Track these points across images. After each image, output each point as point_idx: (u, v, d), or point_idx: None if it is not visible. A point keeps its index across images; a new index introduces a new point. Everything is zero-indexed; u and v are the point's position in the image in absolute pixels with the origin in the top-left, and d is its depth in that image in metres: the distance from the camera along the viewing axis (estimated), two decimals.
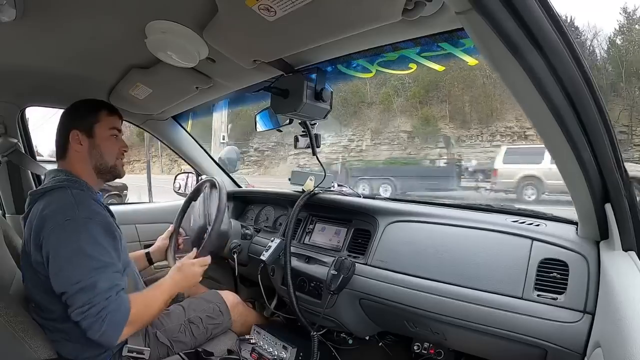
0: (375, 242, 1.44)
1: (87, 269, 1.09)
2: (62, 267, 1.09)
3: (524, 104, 0.78)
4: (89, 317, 1.07)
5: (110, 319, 1.08)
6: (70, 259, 1.09)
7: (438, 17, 0.82)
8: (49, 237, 1.11)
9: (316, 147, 1.56)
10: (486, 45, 0.68)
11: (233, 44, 1.10)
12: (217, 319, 1.55)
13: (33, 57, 1.33)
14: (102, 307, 1.07)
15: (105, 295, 1.09)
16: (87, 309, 1.07)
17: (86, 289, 1.07)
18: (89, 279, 1.08)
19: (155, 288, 1.33)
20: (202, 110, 2.02)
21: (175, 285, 1.39)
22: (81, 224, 1.13)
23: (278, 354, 1.57)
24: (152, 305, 1.26)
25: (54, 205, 1.15)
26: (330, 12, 0.85)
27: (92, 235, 1.14)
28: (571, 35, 0.67)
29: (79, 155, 1.30)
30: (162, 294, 1.32)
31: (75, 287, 1.07)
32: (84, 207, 1.17)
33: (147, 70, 1.43)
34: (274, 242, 1.68)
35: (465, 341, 1.28)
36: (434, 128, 26.75)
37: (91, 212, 1.18)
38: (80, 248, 1.10)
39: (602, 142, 0.80)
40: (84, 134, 1.30)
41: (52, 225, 1.11)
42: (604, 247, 1.01)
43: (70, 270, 1.08)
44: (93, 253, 1.12)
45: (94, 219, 1.17)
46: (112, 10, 1.02)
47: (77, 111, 1.33)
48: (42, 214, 1.14)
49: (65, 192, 1.19)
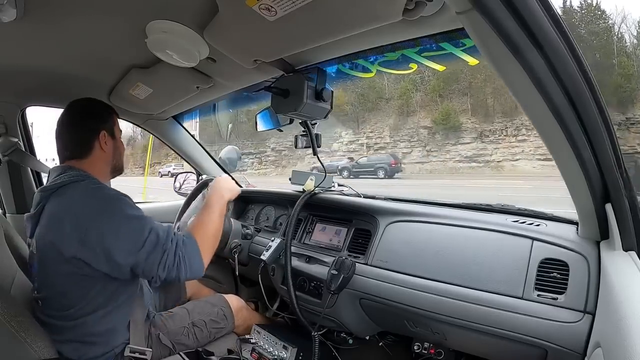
0: (376, 242, 1.44)
1: (142, 231, 1.14)
2: (123, 241, 1.12)
3: (524, 104, 0.78)
4: (171, 267, 1.15)
5: (187, 254, 1.18)
6: (125, 231, 1.13)
7: (438, 17, 0.82)
8: (95, 223, 1.12)
9: (317, 146, 1.55)
10: (486, 45, 0.69)
11: (233, 43, 1.10)
12: (221, 323, 1.55)
13: (34, 57, 1.33)
14: (173, 249, 1.16)
15: (169, 240, 1.17)
16: (165, 260, 1.14)
17: (153, 247, 1.14)
18: (149, 237, 1.14)
19: (204, 208, 1.41)
20: (203, 110, 2.02)
21: (220, 192, 1.49)
22: (115, 199, 1.18)
23: (278, 353, 1.57)
24: (210, 224, 1.35)
25: (80, 195, 1.17)
26: (331, 12, 0.85)
27: (128, 204, 1.20)
28: (571, 34, 0.67)
29: (104, 156, 1.33)
30: (214, 207, 1.41)
31: (144, 251, 1.13)
32: (109, 189, 1.22)
33: (147, 70, 1.43)
34: (275, 241, 1.68)
35: (465, 341, 1.27)
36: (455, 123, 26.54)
37: (116, 191, 1.22)
38: (127, 217, 1.15)
39: (602, 141, 0.80)
40: (109, 135, 1.35)
41: (91, 212, 1.13)
42: (605, 247, 1.01)
43: (134, 239, 1.13)
44: (137, 215, 1.18)
45: (123, 199, 1.21)
46: (113, 10, 1.02)
47: (101, 113, 1.36)
48: (72, 208, 1.14)
49: (85, 184, 1.20)
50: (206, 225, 1.34)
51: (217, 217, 1.40)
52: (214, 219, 1.38)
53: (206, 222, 1.35)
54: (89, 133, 1.31)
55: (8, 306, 1.11)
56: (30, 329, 1.13)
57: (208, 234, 1.32)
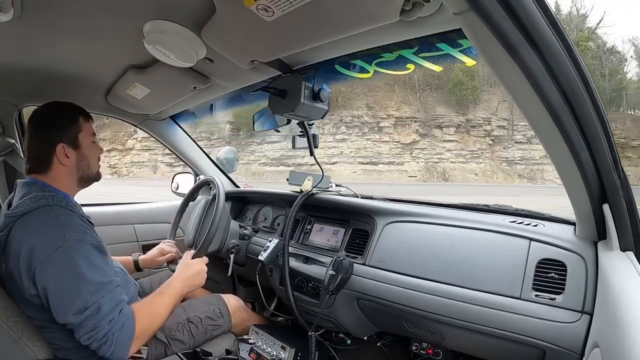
0: (374, 242, 1.44)
1: (89, 294, 1.05)
2: (63, 298, 1.04)
3: (521, 104, 0.78)
4: (96, 342, 1.05)
5: (117, 339, 1.06)
6: (70, 289, 1.04)
7: (436, 17, 0.82)
8: (44, 270, 1.05)
9: (314, 147, 1.55)
10: (483, 45, 0.69)
11: (231, 44, 1.10)
12: (217, 321, 1.55)
13: (31, 57, 1.33)
14: (107, 330, 1.05)
15: (109, 318, 1.05)
16: (94, 334, 1.04)
17: (90, 315, 1.04)
18: (92, 305, 1.04)
19: (162, 292, 1.28)
20: (200, 110, 2.02)
21: (184, 284, 1.35)
22: (73, 249, 1.07)
23: (276, 354, 1.57)
24: (159, 312, 1.22)
25: (39, 233, 1.07)
26: (328, 13, 0.85)
27: (87, 257, 1.08)
28: (568, 35, 0.67)
29: (66, 169, 1.24)
30: (170, 296, 1.27)
31: (81, 316, 1.03)
32: (72, 229, 1.10)
33: (144, 70, 1.43)
34: (272, 242, 1.68)
35: (463, 341, 1.27)
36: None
37: (80, 233, 1.11)
38: (78, 274, 1.05)
39: (600, 142, 0.80)
40: (70, 146, 1.24)
41: (44, 256, 1.04)
42: (602, 248, 1.01)
43: (72, 300, 1.03)
44: (92, 276, 1.07)
45: (84, 240, 1.11)
46: (110, 10, 1.01)
47: (57, 122, 1.24)
48: (30, 244, 1.06)
49: (48, 215, 1.10)
50: (157, 311, 1.22)
51: (174, 302, 1.28)
52: (169, 304, 1.26)
53: (159, 307, 1.23)
54: (45, 147, 1.21)
55: (4, 307, 1.10)
56: (26, 330, 1.13)
57: (155, 320, 1.20)
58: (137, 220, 2.21)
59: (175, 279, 1.34)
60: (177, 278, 1.35)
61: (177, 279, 1.34)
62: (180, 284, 1.33)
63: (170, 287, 1.30)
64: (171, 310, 1.27)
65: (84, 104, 1.77)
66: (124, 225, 2.14)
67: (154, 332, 1.23)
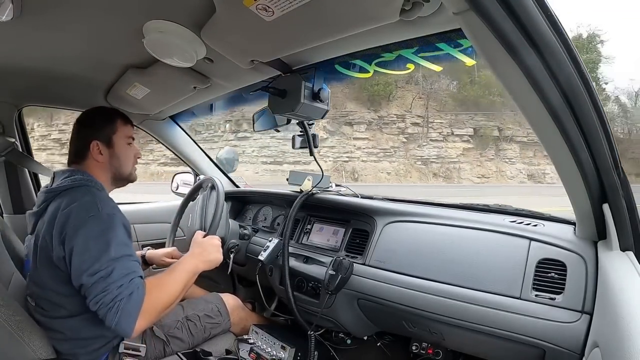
0: (373, 242, 1.44)
1: (106, 260, 1.10)
2: (83, 260, 1.10)
3: (521, 105, 0.78)
4: (103, 307, 1.06)
5: (124, 307, 1.06)
6: (92, 253, 1.10)
7: (435, 17, 0.82)
8: (74, 233, 1.12)
9: (313, 147, 1.55)
10: (483, 45, 0.69)
11: (231, 44, 1.10)
12: (216, 319, 1.55)
13: (31, 57, 1.33)
14: (114, 295, 1.06)
15: (118, 283, 1.08)
16: (102, 297, 1.07)
17: (103, 278, 1.08)
18: (106, 268, 1.09)
19: (174, 269, 1.27)
20: (200, 110, 2.02)
21: (198, 260, 1.34)
22: (104, 220, 1.15)
23: (276, 354, 1.57)
24: (170, 289, 1.21)
25: (77, 203, 1.17)
26: (328, 13, 0.85)
27: (114, 230, 1.15)
28: (568, 35, 0.67)
29: (99, 165, 1.34)
30: (182, 273, 1.26)
31: (94, 277, 1.08)
32: (106, 204, 1.20)
33: (144, 70, 1.43)
34: (272, 242, 1.68)
35: (463, 341, 1.28)
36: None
37: (112, 209, 1.20)
38: (103, 242, 1.12)
39: (600, 142, 0.80)
40: (104, 144, 1.34)
41: (76, 222, 1.13)
42: (602, 247, 1.01)
43: (90, 263, 1.09)
44: (114, 245, 1.12)
45: (116, 215, 1.19)
46: (110, 10, 1.01)
47: (94, 122, 1.36)
48: (65, 211, 1.15)
49: (86, 191, 1.21)
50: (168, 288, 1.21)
51: (185, 281, 1.26)
52: (181, 282, 1.24)
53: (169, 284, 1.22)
54: (82, 142, 1.33)
55: (6, 306, 1.11)
56: (28, 329, 1.13)
57: (164, 297, 1.19)
58: (137, 220, 2.21)
59: (188, 256, 1.35)
60: (190, 256, 1.35)
61: (190, 256, 1.35)
62: (194, 260, 1.34)
63: (182, 263, 1.30)
64: (183, 288, 1.25)
65: (84, 103, 1.78)
66: None
67: (164, 309, 1.20)
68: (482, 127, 25.48)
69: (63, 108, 2.06)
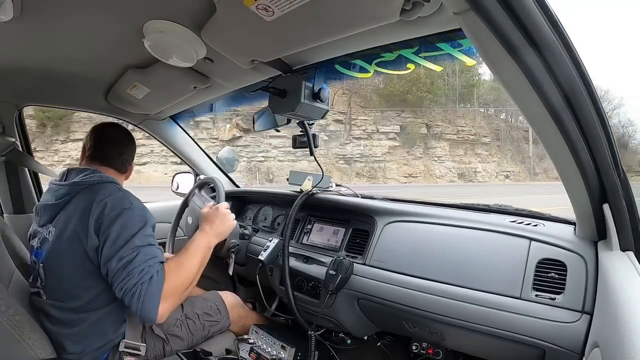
0: (374, 242, 1.44)
1: (132, 247, 1.16)
2: (114, 247, 1.16)
3: (522, 105, 0.78)
4: (127, 292, 1.12)
5: (146, 291, 1.12)
6: (122, 241, 1.16)
7: (436, 17, 0.82)
8: (110, 223, 1.18)
9: (314, 147, 1.55)
10: (484, 45, 0.68)
11: (231, 43, 1.10)
12: (215, 317, 1.56)
13: (31, 56, 1.33)
14: (137, 279, 1.12)
15: (140, 268, 1.14)
16: (125, 283, 1.13)
17: (128, 262, 1.14)
18: (131, 254, 1.15)
19: (187, 248, 1.33)
20: (200, 110, 2.02)
21: (209, 234, 1.40)
22: (138, 213, 1.23)
23: (276, 353, 1.57)
24: (188, 268, 1.27)
25: (110, 197, 1.23)
26: (328, 13, 0.85)
27: (144, 223, 1.22)
28: (568, 35, 0.67)
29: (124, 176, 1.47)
30: (196, 250, 1.33)
31: (120, 263, 1.14)
32: (137, 201, 1.28)
33: (144, 70, 1.43)
34: (272, 242, 1.68)
35: (463, 341, 1.28)
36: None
37: (143, 206, 1.28)
38: (133, 232, 1.18)
39: (600, 142, 0.80)
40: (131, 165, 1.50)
41: (113, 212, 1.19)
42: (602, 247, 1.01)
43: (118, 249, 1.15)
44: (141, 236, 1.19)
45: (146, 211, 1.27)
46: (110, 10, 1.01)
47: (130, 145, 1.47)
48: (102, 202, 1.21)
49: (117, 188, 1.29)
50: (185, 267, 1.27)
51: (198, 263, 1.31)
52: (194, 268, 1.29)
53: (186, 263, 1.28)
54: (124, 155, 1.44)
55: (7, 305, 1.11)
56: (28, 329, 1.13)
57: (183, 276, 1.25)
58: None
59: (198, 233, 1.40)
60: (200, 232, 1.40)
61: (200, 232, 1.40)
62: (204, 235, 1.39)
63: (194, 241, 1.35)
64: (201, 265, 1.32)
65: (84, 103, 1.78)
66: None
67: (185, 290, 1.26)
68: (409, 124, 24.78)
69: (63, 108, 2.06)
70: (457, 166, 25.06)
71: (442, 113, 25.76)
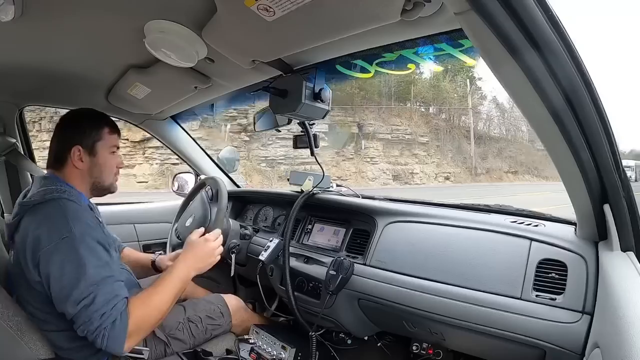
0: (374, 242, 1.44)
1: (86, 286, 1.05)
2: (63, 286, 1.06)
3: (522, 105, 0.78)
4: (90, 334, 1.05)
5: (109, 334, 1.04)
6: (70, 278, 1.05)
7: (437, 17, 0.82)
8: (48, 259, 1.07)
9: (314, 147, 1.55)
10: (485, 45, 0.68)
11: (232, 44, 1.10)
12: (217, 320, 1.55)
13: (32, 57, 1.33)
14: (98, 323, 1.04)
15: (101, 311, 1.04)
16: (87, 326, 1.04)
17: (85, 307, 1.04)
18: (88, 296, 1.04)
19: (162, 279, 1.22)
20: (201, 110, 2.02)
21: (189, 266, 1.28)
22: (78, 241, 1.09)
23: (277, 354, 1.57)
24: (157, 305, 1.17)
25: (47, 223, 1.11)
26: (329, 13, 0.85)
27: (90, 250, 1.10)
28: (569, 35, 0.67)
29: (78, 172, 1.27)
30: (170, 284, 1.21)
31: (77, 307, 1.04)
32: (79, 222, 1.12)
33: (145, 70, 1.43)
34: (273, 242, 1.68)
35: (463, 341, 1.28)
36: None
37: (86, 227, 1.13)
38: (80, 265, 1.06)
39: (601, 142, 0.80)
40: (86, 151, 1.27)
41: (49, 246, 1.07)
42: (603, 248, 1.01)
43: (70, 289, 1.05)
44: (92, 268, 1.07)
45: (90, 234, 1.13)
46: (111, 10, 1.01)
47: (80, 126, 1.28)
48: (37, 232, 1.09)
49: (58, 207, 1.14)
50: (154, 304, 1.16)
51: (171, 298, 1.20)
52: (169, 294, 1.19)
53: (156, 300, 1.17)
54: (63, 146, 1.26)
55: (6, 306, 1.11)
56: (27, 329, 1.13)
57: (151, 314, 1.15)
58: (137, 220, 2.21)
59: (178, 262, 1.28)
60: (180, 260, 1.29)
61: (181, 261, 1.28)
62: (184, 266, 1.27)
63: (172, 272, 1.24)
64: (174, 298, 1.21)
65: (85, 103, 1.78)
66: (124, 225, 2.14)
67: (154, 325, 1.19)
68: (338, 123, 23.13)
69: (64, 108, 2.06)
70: (392, 168, 23.71)
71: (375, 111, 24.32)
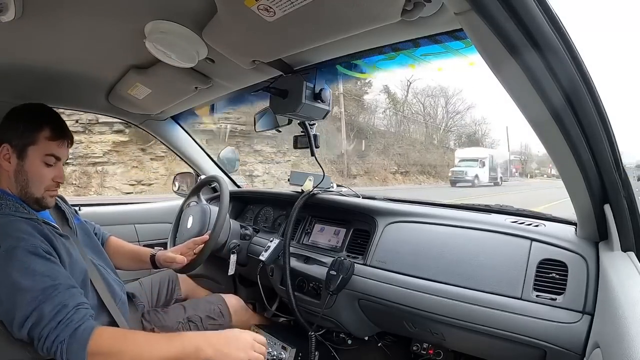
0: (375, 242, 1.44)
1: (26, 304, 0.93)
2: (5, 312, 0.96)
3: (523, 105, 0.78)
4: (48, 351, 0.94)
5: (68, 347, 0.92)
6: (6, 301, 0.95)
7: (437, 17, 0.82)
8: None
9: (315, 147, 1.55)
10: (485, 45, 0.68)
11: (232, 44, 1.10)
12: (218, 320, 1.55)
13: (32, 57, 1.33)
14: (53, 337, 0.93)
15: (52, 325, 0.93)
16: (42, 344, 0.93)
17: (33, 326, 0.93)
18: (34, 312, 0.93)
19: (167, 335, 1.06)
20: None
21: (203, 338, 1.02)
22: (7, 258, 0.97)
23: (277, 354, 1.57)
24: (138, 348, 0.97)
25: None
26: (330, 13, 0.85)
27: (21, 264, 0.97)
28: (570, 35, 0.67)
29: (5, 174, 1.12)
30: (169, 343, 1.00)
31: (25, 329, 0.94)
32: (6, 235, 1.00)
33: (146, 70, 1.43)
34: (273, 242, 1.68)
35: (464, 342, 1.27)
36: None
37: (13, 240, 0.99)
38: (14, 284, 0.95)
39: (601, 142, 0.80)
40: (15, 152, 1.11)
41: None
42: (603, 248, 1.01)
43: (12, 312, 0.94)
44: (27, 284, 0.95)
45: (19, 246, 0.99)
46: (112, 10, 1.01)
47: (18, 122, 1.13)
48: None
49: None
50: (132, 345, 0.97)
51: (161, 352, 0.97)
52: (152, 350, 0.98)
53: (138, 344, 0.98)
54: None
55: None
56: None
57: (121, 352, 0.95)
58: (138, 220, 2.21)
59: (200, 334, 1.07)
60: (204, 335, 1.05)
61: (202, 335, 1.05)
62: (200, 336, 1.05)
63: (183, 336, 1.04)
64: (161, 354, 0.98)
65: (85, 104, 1.78)
66: (125, 225, 2.14)
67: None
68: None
69: (64, 108, 2.06)
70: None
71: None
